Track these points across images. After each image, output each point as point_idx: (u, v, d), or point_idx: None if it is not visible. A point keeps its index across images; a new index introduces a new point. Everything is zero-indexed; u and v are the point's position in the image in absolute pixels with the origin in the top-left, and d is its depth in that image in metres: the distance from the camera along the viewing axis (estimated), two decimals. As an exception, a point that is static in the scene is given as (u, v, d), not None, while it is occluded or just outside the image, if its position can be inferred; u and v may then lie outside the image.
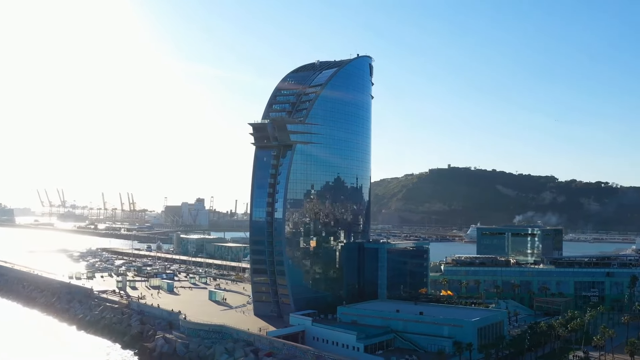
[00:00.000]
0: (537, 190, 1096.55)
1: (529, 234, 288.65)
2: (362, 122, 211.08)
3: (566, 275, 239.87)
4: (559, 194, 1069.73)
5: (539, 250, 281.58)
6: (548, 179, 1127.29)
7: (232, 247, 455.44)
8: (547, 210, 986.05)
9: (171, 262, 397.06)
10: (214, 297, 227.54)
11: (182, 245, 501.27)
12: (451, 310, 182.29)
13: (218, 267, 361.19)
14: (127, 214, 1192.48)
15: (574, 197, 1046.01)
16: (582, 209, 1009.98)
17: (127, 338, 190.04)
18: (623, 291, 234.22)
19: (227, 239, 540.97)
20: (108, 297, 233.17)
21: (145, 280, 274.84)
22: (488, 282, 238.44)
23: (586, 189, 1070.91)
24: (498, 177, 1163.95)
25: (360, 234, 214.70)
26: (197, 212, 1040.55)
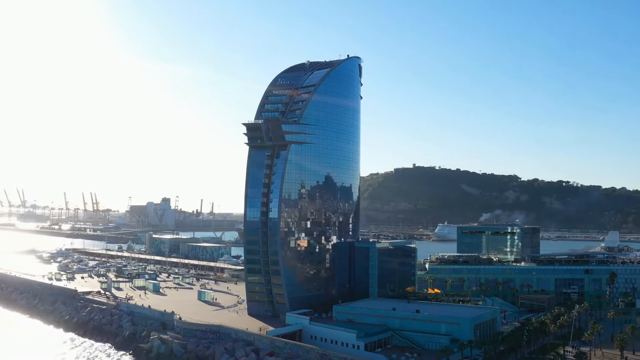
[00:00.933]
0: (500, 189, 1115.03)
1: (509, 232, 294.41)
2: (352, 122, 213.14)
3: (547, 273, 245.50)
4: (522, 193, 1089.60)
5: (518, 249, 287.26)
6: (511, 178, 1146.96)
7: (207, 247, 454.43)
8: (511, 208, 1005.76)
9: (145, 262, 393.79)
10: (203, 297, 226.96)
11: (154, 245, 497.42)
12: (446, 308, 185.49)
13: (194, 267, 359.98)
14: (89, 214, 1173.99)
15: (536, 196, 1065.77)
16: (544, 207, 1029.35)
17: (120, 339, 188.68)
18: (601, 288, 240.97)
19: (199, 239, 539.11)
20: (94, 299, 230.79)
21: (129, 281, 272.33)
22: (472, 280, 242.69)
23: (548, 188, 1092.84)
24: (462, 176, 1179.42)
25: (350, 233, 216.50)
26: (163, 211, 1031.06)
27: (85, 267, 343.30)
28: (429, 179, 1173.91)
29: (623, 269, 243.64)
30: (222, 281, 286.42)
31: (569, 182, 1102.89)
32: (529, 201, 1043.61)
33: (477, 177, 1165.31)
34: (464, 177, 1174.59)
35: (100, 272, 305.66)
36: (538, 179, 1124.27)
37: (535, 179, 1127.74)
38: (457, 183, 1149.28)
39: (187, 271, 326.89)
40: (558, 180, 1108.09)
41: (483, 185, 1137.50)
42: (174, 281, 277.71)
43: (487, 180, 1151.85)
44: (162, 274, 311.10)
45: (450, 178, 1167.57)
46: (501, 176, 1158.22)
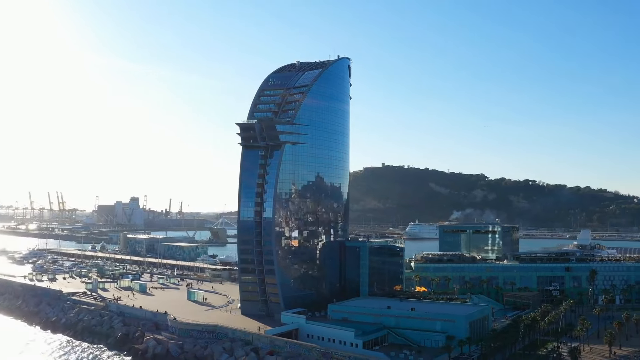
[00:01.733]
0: (468, 188, 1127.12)
1: (489, 231, 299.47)
2: (342, 123, 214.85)
3: (529, 271, 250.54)
4: (489, 192, 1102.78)
5: (499, 247, 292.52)
6: (479, 177, 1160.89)
7: (184, 246, 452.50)
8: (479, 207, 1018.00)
9: (122, 262, 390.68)
10: (193, 297, 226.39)
11: (129, 245, 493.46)
12: (440, 306, 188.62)
13: (173, 267, 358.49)
14: (55, 213, 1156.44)
15: (504, 195, 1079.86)
16: (511, 206, 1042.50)
17: (112, 340, 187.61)
18: (581, 285, 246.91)
19: (175, 239, 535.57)
20: (81, 299, 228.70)
21: (112, 282, 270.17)
22: (456, 278, 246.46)
23: (515, 187, 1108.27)
24: (431, 175, 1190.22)
25: (340, 232, 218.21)
26: (132, 211, 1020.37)
27: (62, 268, 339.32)
28: (398, 178, 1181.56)
29: (602, 267, 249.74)
30: (207, 281, 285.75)
31: (535, 181, 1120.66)
32: (497, 200, 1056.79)
33: (446, 176, 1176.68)
34: (432, 176, 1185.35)
35: (82, 272, 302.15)
36: (505, 178, 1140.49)
37: (502, 178, 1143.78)
38: (425, 182, 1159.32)
39: (171, 271, 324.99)
40: (525, 180, 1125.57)
41: (451, 184, 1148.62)
42: (158, 281, 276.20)
43: (455, 179, 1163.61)
44: (144, 274, 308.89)
45: (419, 177, 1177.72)
46: (469, 175, 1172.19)
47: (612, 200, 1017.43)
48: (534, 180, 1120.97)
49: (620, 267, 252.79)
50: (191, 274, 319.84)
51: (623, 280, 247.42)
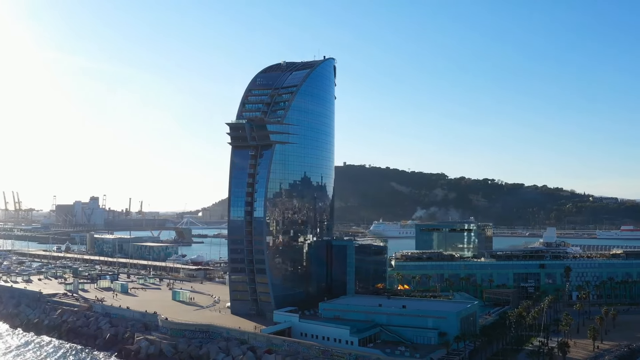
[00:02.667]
0: (429, 187, 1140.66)
1: (465, 229, 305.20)
2: (328, 122, 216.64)
3: (506, 268, 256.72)
4: (450, 191, 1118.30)
5: (475, 245, 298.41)
6: (439, 176, 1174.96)
7: (154, 246, 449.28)
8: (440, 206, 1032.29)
9: (90, 263, 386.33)
10: (178, 297, 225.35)
11: (96, 245, 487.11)
12: (430, 303, 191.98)
13: (144, 267, 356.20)
14: (11, 214, 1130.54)
15: (463, 194, 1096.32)
16: (471, 204, 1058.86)
17: (100, 341, 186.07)
18: (555, 281, 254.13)
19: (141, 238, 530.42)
20: (62, 300, 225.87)
21: (90, 282, 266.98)
22: (436, 276, 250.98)
23: (475, 185, 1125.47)
24: (392, 174, 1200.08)
25: (325, 231, 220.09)
26: (91, 211, 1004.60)
27: (30, 269, 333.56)
28: (359, 177, 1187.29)
29: (576, 263, 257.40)
30: (186, 281, 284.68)
31: (494, 180, 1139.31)
32: (457, 199, 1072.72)
33: (407, 175, 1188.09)
34: (393, 175, 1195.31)
35: (57, 274, 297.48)
36: (465, 177, 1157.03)
37: (462, 177, 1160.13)
38: (387, 181, 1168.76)
39: (149, 272, 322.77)
40: (484, 179, 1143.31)
41: (412, 183, 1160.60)
42: (138, 281, 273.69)
43: (416, 179, 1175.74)
44: (121, 275, 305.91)
45: (381, 176, 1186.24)
46: (430, 174, 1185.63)
47: (569, 199, 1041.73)
48: (493, 179, 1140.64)
49: (593, 263, 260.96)
50: (164, 273, 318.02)
51: (595, 276, 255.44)
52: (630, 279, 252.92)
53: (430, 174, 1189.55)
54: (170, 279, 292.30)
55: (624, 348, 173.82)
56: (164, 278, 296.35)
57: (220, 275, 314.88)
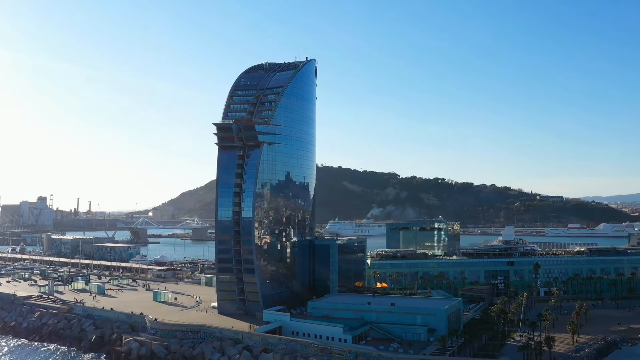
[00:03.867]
0: (381, 186, 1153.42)
1: (435, 228, 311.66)
2: (310, 123, 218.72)
3: (477, 265, 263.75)
4: (401, 190, 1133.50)
5: (444, 243, 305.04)
6: (391, 176, 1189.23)
7: (115, 247, 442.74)
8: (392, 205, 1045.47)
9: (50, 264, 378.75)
10: (159, 297, 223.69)
11: (54, 246, 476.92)
12: (417, 301, 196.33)
13: (107, 268, 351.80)
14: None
15: (415, 193, 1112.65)
16: (422, 203, 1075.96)
17: (86, 343, 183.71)
18: (524, 278, 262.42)
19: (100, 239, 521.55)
20: (39, 303, 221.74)
21: (62, 284, 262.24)
22: (411, 274, 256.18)
23: (426, 184, 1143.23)
24: (344, 174, 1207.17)
25: (308, 230, 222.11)
26: (39, 211, 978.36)
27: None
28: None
29: (543, 260, 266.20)
30: (160, 281, 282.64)
31: (445, 179, 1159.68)
32: (408, 197, 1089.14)
33: (359, 175, 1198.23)
34: (345, 175, 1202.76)
35: (24, 275, 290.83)
36: (416, 176, 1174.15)
37: (413, 176, 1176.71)
38: (339, 180, 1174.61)
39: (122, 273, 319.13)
40: (434, 178, 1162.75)
41: (364, 182, 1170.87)
42: (111, 283, 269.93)
43: (368, 178, 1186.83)
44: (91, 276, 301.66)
45: (333, 176, 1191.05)
46: (381, 173, 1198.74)
47: (517, 198, 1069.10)
48: (443, 178, 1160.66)
49: (559, 260, 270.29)
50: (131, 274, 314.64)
51: (562, 272, 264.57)
52: (595, 275, 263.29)
53: (382, 173, 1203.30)
54: (145, 279, 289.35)
55: (600, 341, 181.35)
56: (138, 279, 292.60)
57: (188, 275, 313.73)
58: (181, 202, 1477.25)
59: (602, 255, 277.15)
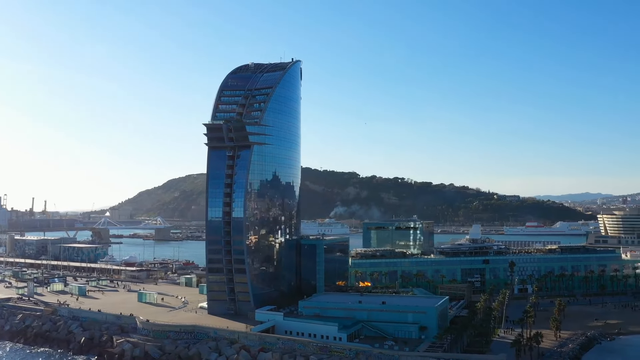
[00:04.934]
0: (342, 186, 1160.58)
1: (412, 227, 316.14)
2: (297, 123, 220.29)
3: (454, 264, 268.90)
4: (361, 189, 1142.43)
5: (420, 242, 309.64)
6: (351, 175, 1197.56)
7: (83, 248, 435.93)
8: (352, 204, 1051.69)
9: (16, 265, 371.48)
10: (144, 298, 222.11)
11: (17, 247, 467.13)
12: (406, 299, 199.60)
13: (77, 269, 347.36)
14: None
15: (375, 192, 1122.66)
16: (383, 202, 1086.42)
17: (75, 345, 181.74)
18: (499, 276, 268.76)
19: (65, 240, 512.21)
20: (19, 305, 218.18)
21: (39, 286, 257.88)
22: (390, 273, 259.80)
23: (386, 184, 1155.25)
24: (305, 173, 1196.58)
25: (294, 230, 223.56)
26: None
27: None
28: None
29: (517, 259, 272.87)
30: (139, 282, 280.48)
31: (404, 179, 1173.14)
32: (369, 197, 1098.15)
33: (320, 174, 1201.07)
34: (307, 174, 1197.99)
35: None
36: (376, 176, 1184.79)
37: (373, 176, 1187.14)
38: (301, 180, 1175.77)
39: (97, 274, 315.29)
40: (394, 177, 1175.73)
41: (325, 182, 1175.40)
42: (90, 284, 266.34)
43: (328, 177, 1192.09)
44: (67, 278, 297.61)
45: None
46: (342, 173, 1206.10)
47: (475, 197, 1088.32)
48: (403, 177, 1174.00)
49: (532, 258, 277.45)
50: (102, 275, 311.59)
51: (535, 270, 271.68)
52: (566, 272, 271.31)
53: (343, 172, 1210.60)
54: (120, 280, 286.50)
55: (581, 337, 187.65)
56: (117, 280, 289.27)
57: (162, 276, 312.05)
58: (139, 202, 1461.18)
59: (573, 253, 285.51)
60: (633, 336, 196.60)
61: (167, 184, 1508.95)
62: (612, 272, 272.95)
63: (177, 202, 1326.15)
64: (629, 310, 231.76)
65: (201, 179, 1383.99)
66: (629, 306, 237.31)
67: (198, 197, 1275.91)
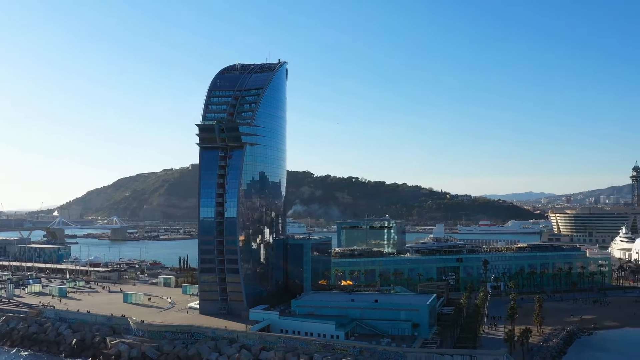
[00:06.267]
0: (297, 185, 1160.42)
1: (385, 226, 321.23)
2: (283, 123, 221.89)
3: (430, 263, 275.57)
4: (316, 188, 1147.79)
5: (395, 241, 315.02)
6: (306, 174, 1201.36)
7: (45, 248, 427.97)
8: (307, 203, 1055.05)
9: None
10: (130, 299, 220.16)
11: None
12: (398, 297, 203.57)
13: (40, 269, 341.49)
14: None
15: (329, 191, 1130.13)
16: (337, 201, 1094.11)
17: (66, 347, 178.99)
18: (472, 274, 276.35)
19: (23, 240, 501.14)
20: (1, 307, 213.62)
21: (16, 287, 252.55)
22: (369, 272, 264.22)
23: (340, 183, 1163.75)
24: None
25: (280, 230, 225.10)
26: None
27: None
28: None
29: (490, 257, 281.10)
30: (117, 282, 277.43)
31: (358, 178, 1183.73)
32: (323, 196, 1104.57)
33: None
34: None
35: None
36: (330, 175, 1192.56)
37: (327, 175, 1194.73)
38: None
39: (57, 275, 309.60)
40: (348, 177, 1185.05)
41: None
42: (67, 285, 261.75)
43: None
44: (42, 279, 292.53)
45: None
46: (296, 172, 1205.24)
47: (428, 196, 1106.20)
48: (357, 177, 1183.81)
49: (503, 256, 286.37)
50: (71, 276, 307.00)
51: (507, 268, 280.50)
52: (536, 270, 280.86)
53: (297, 171, 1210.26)
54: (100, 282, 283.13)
55: (562, 332, 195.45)
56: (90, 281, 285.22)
57: (133, 275, 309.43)
58: (88, 201, 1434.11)
59: (542, 251, 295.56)
60: (609, 330, 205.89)
61: (118, 182, 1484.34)
62: (579, 269, 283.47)
63: (128, 201, 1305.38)
64: (600, 306, 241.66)
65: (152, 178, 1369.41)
66: (599, 302, 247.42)
67: (150, 197, 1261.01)
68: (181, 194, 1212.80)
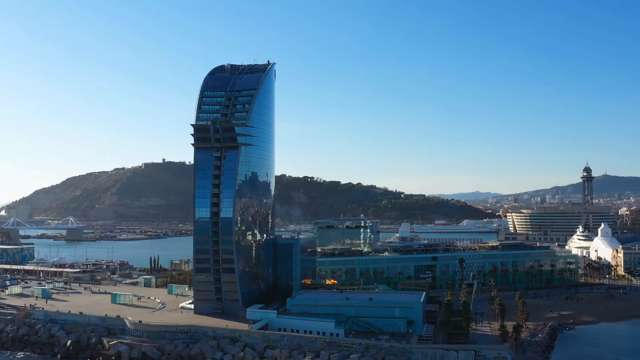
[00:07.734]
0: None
1: (362, 226, 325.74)
2: (273, 123, 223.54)
3: (408, 261, 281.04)
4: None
5: (371, 240, 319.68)
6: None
7: (7, 249, 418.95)
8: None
9: None
10: (118, 299, 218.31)
11: None
12: (391, 295, 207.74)
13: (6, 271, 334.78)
14: None
15: (285, 191, 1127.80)
16: (293, 201, 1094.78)
17: (61, 349, 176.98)
18: (448, 272, 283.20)
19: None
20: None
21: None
22: (350, 271, 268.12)
23: (295, 182, 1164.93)
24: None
25: (270, 229, 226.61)
26: None
27: None
28: (180, 174, 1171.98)
29: (465, 255, 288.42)
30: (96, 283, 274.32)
31: (313, 178, 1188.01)
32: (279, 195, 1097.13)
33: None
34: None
35: None
36: (285, 175, 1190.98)
37: (283, 175, 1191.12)
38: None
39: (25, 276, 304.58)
40: (304, 176, 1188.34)
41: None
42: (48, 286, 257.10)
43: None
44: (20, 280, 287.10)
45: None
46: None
47: (383, 196, 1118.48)
48: (312, 177, 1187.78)
49: (477, 255, 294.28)
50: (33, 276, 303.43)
51: (480, 266, 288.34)
52: (508, 268, 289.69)
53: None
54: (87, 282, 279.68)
55: (546, 327, 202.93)
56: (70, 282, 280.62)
57: (106, 276, 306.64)
58: (36, 201, 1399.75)
59: (513, 249, 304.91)
60: (588, 325, 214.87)
61: (67, 182, 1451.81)
62: (549, 267, 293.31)
63: (78, 200, 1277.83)
64: (572, 302, 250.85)
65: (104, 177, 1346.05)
66: (571, 298, 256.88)
67: (102, 196, 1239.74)
68: (134, 193, 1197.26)
